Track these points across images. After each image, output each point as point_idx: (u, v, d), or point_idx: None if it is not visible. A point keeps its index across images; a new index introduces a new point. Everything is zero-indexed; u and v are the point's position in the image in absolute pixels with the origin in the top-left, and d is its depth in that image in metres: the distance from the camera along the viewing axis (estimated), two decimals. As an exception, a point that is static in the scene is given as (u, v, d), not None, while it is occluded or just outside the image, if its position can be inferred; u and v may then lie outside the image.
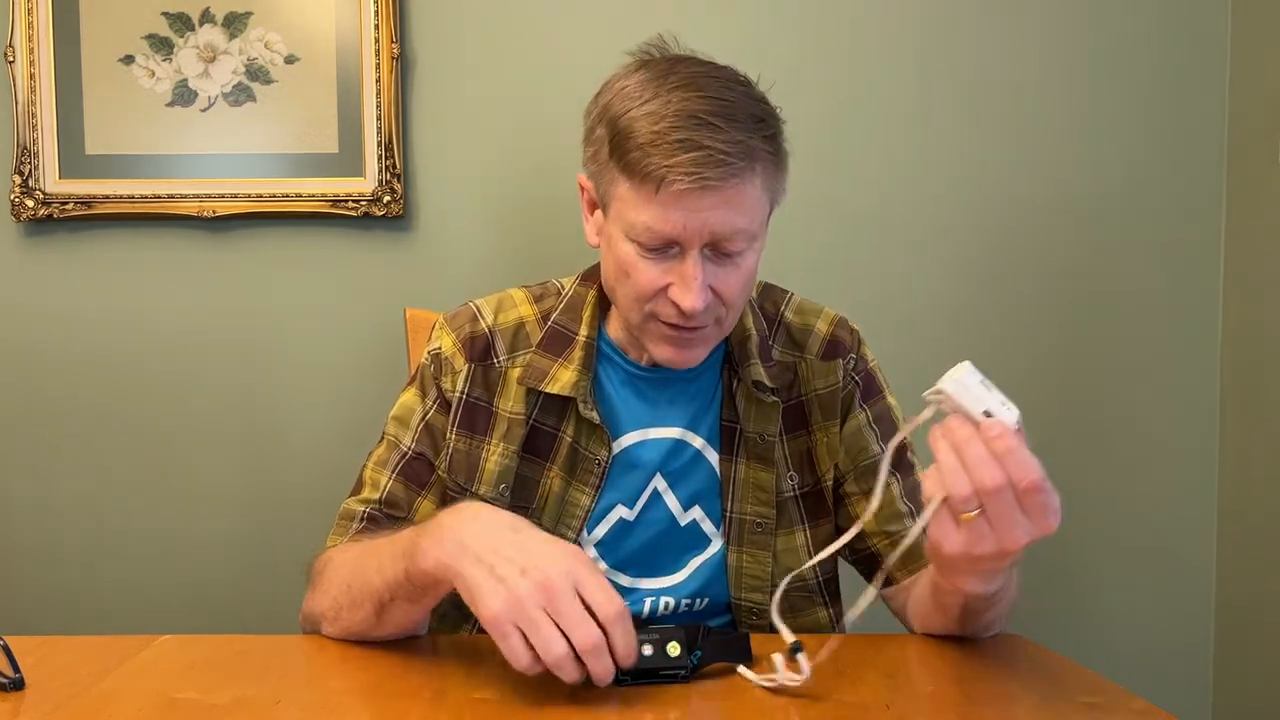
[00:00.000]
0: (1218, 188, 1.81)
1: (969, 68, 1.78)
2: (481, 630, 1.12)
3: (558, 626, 0.81)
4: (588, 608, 0.82)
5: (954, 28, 1.77)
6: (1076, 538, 1.83)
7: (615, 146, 1.02)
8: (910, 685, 0.93)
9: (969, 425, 0.79)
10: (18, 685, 0.88)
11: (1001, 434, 0.78)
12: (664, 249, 1.02)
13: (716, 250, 1.02)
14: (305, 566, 1.10)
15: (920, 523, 0.83)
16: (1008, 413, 0.80)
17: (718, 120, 0.98)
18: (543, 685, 0.86)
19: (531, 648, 0.81)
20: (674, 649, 0.88)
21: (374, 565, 0.96)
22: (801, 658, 0.87)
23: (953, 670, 0.96)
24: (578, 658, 0.81)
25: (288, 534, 1.77)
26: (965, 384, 0.80)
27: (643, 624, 0.90)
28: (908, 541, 0.86)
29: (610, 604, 0.82)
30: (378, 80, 1.71)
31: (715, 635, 0.92)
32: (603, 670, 0.82)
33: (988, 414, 0.79)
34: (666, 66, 1.03)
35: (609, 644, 0.82)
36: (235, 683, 0.91)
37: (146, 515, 1.78)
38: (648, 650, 0.87)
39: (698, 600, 1.15)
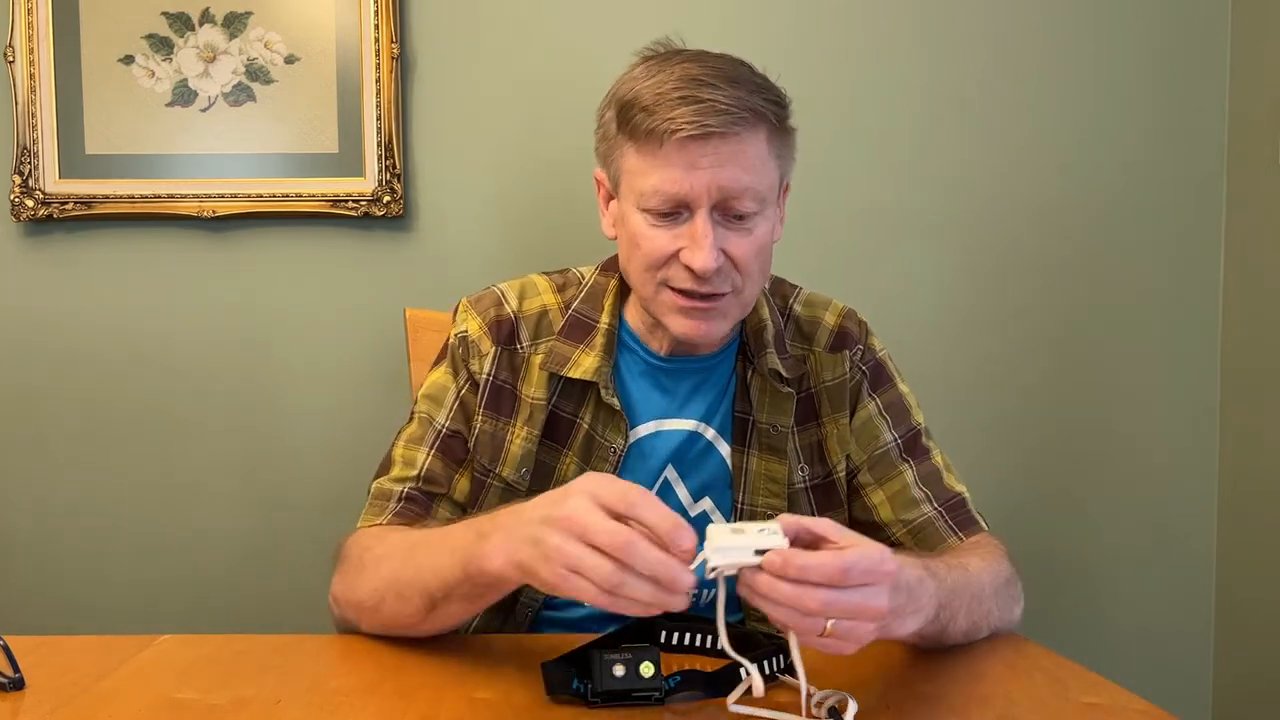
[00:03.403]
0: (1218, 188, 1.81)
1: (969, 68, 1.78)
2: (485, 630, 1.13)
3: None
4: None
5: (955, 29, 1.77)
6: (1078, 535, 1.83)
7: (621, 118, 1.05)
8: (910, 685, 0.93)
9: (761, 574, 0.77)
10: (18, 685, 0.89)
11: (785, 563, 0.77)
12: (674, 214, 1.04)
13: (726, 213, 1.04)
14: (335, 547, 1.09)
15: (799, 666, 0.80)
16: (773, 536, 0.78)
17: (719, 81, 1.02)
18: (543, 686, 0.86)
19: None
20: (647, 670, 0.85)
21: (426, 561, 0.94)
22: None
23: (952, 670, 0.96)
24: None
25: (288, 533, 1.77)
26: (722, 548, 0.78)
27: (614, 641, 0.89)
28: (812, 697, 0.83)
29: (626, 495, 0.79)
30: (378, 80, 1.71)
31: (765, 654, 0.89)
32: (654, 563, 0.76)
33: (759, 552, 0.78)
34: (671, 53, 1.08)
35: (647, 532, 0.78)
36: (235, 683, 0.91)
37: (147, 515, 1.78)
38: (619, 670, 0.84)
39: (705, 592, 1.15)
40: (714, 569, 0.79)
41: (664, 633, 0.97)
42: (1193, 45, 1.79)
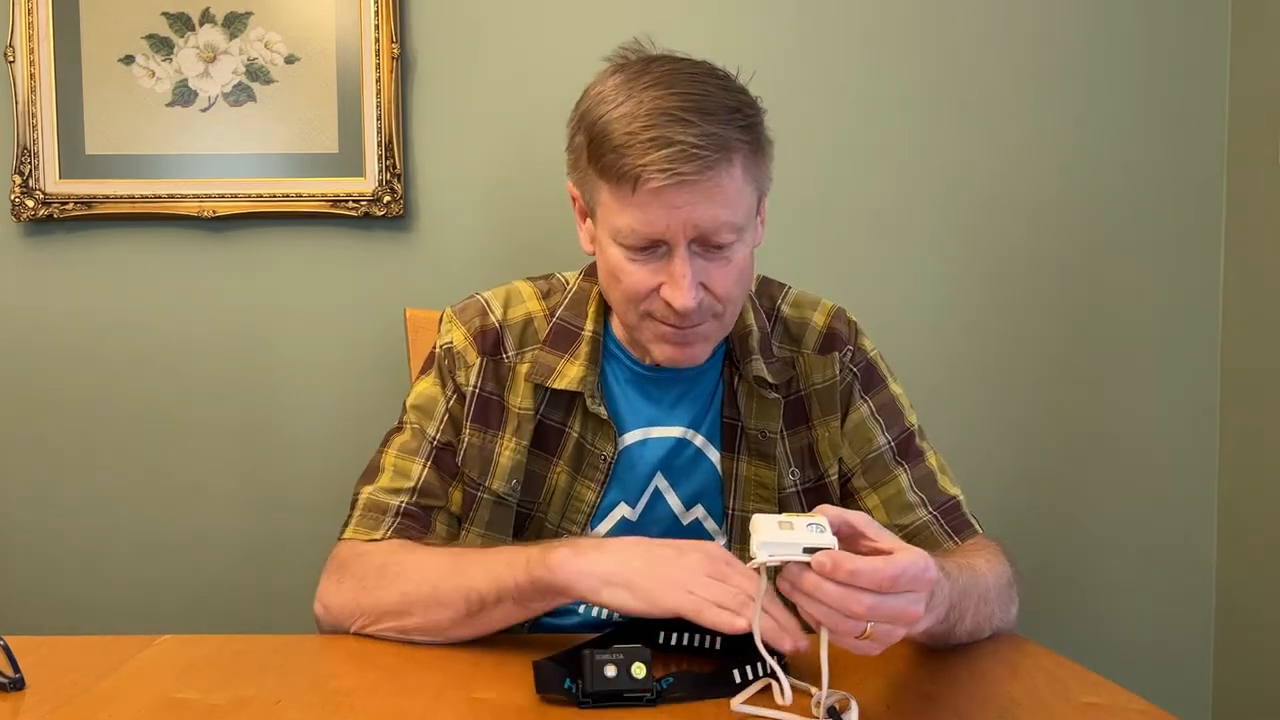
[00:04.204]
0: (1218, 188, 1.81)
1: (969, 68, 1.78)
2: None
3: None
4: None
5: (953, 28, 1.77)
6: (1078, 536, 1.83)
7: (592, 152, 1.02)
8: (910, 685, 0.93)
9: (808, 572, 0.78)
10: (18, 685, 0.89)
11: (835, 564, 0.77)
12: (651, 249, 1.02)
13: (705, 245, 1.02)
14: (335, 556, 1.10)
15: (825, 666, 0.80)
16: (822, 534, 0.79)
17: (690, 115, 0.98)
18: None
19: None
20: (639, 670, 0.84)
21: (478, 569, 0.99)
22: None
23: (952, 670, 0.96)
24: None
25: (288, 533, 1.77)
26: (770, 542, 0.78)
27: (606, 642, 0.89)
28: (824, 701, 0.83)
29: (751, 582, 0.89)
30: (378, 80, 1.71)
31: (691, 663, 0.91)
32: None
33: (809, 550, 0.78)
34: (640, 67, 1.03)
35: None
36: (235, 683, 0.91)
37: (147, 515, 1.78)
38: (611, 671, 0.84)
39: None
40: (760, 564, 0.79)
41: (661, 634, 0.97)
42: (1193, 45, 1.79)
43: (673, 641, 0.98)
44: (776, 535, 0.78)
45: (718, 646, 0.97)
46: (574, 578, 0.92)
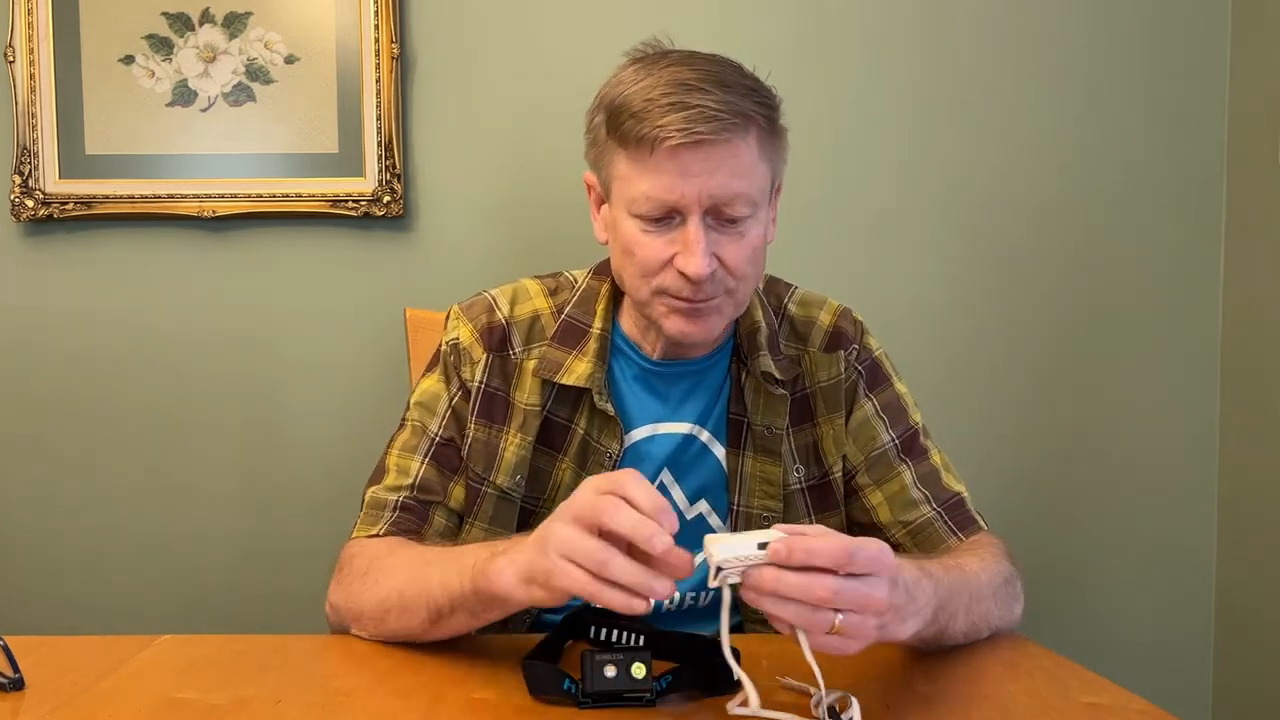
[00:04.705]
0: (1218, 188, 1.81)
1: (970, 68, 1.78)
2: (485, 631, 1.13)
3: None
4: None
5: (953, 28, 1.77)
6: (1078, 536, 1.83)
7: (611, 123, 1.04)
8: (910, 685, 0.93)
9: (766, 570, 0.77)
10: (18, 685, 0.89)
11: (789, 550, 0.76)
12: (666, 220, 1.03)
13: (718, 218, 1.03)
14: (340, 556, 1.09)
15: (816, 670, 0.79)
16: (773, 533, 0.78)
17: (708, 85, 1.00)
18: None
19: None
20: (639, 670, 0.84)
21: (435, 576, 0.95)
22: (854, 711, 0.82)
23: (952, 670, 0.96)
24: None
25: (288, 533, 1.77)
26: (725, 544, 0.78)
27: (607, 644, 0.89)
28: (821, 699, 0.82)
29: (613, 478, 0.82)
30: (378, 80, 1.71)
31: (689, 659, 0.90)
32: (662, 549, 0.78)
33: (762, 546, 0.77)
34: (658, 55, 1.06)
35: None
36: (235, 683, 0.91)
37: (147, 515, 1.78)
38: (610, 671, 0.84)
39: (703, 594, 1.15)
40: (719, 569, 0.78)
41: (593, 629, 0.99)
42: (1193, 45, 1.79)
43: (602, 636, 0.98)
44: (729, 541, 0.78)
45: (727, 662, 0.95)
46: (508, 586, 0.86)
